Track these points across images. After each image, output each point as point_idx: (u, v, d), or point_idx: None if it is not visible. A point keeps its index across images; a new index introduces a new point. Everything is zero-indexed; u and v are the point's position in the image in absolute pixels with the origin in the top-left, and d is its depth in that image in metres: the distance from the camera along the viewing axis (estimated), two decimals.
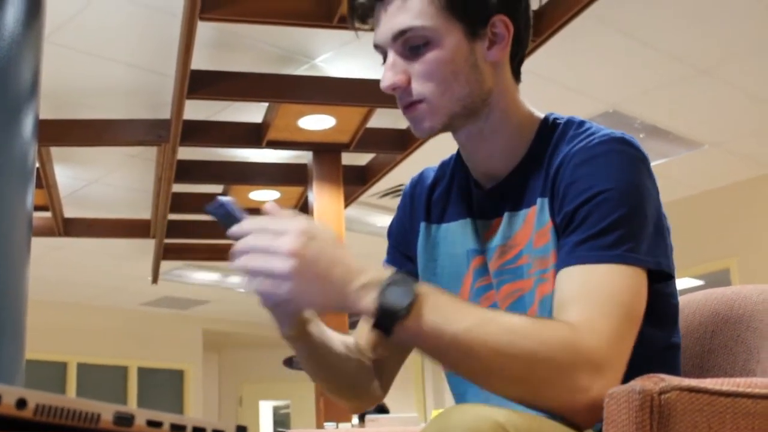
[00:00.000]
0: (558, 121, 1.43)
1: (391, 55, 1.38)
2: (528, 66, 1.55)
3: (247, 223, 1.19)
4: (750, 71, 5.62)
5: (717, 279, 7.59)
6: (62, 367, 10.94)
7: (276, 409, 14.78)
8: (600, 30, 4.94)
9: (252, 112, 5.52)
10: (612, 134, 1.35)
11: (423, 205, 1.59)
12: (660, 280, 1.34)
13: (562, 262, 1.28)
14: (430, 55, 1.35)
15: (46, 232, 7.10)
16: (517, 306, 1.38)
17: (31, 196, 2.27)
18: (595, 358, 1.17)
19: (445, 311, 1.16)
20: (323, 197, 5.63)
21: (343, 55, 5.07)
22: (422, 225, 1.57)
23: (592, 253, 1.25)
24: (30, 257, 2.26)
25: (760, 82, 5.81)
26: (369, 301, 1.15)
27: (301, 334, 1.42)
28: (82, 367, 11.09)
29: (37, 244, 3.24)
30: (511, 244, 1.40)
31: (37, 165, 5.55)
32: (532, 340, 1.16)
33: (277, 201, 6.78)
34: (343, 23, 4.02)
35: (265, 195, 6.76)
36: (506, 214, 1.42)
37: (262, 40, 4.91)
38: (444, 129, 1.41)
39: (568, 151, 1.35)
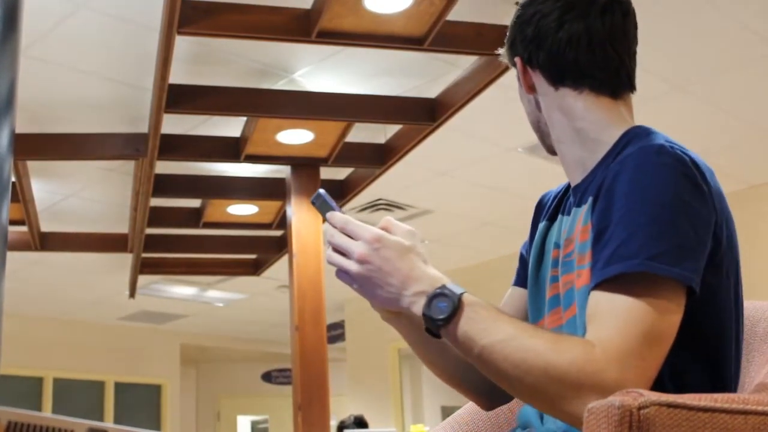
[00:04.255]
0: (636, 131, 1.48)
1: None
2: (507, 80, 1.63)
3: (336, 217, 1.43)
4: (726, 87, 5.66)
5: None
6: (38, 382, 10.87)
7: (254, 424, 14.75)
8: None
9: (230, 127, 5.51)
10: (651, 144, 1.37)
11: (546, 208, 1.70)
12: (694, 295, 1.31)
13: (594, 275, 1.32)
14: (521, 86, 1.66)
15: (23, 246, 7.05)
16: (568, 296, 1.47)
17: (7, 210, 2.25)
18: (602, 380, 1.22)
19: (479, 325, 1.30)
20: (301, 211, 5.62)
21: (322, 70, 5.07)
22: (541, 225, 1.68)
23: (614, 267, 1.28)
24: (5, 271, 2.24)
25: (735, 98, 5.85)
26: (418, 308, 1.34)
27: (395, 315, 1.54)
28: (59, 382, 11.02)
29: (13, 258, 3.22)
30: (570, 239, 1.50)
31: (14, 179, 5.52)
32: (545, 360, 1.25)
33: (255, 215, 6.80)
34: (321, 38, 4.03)
35: (243, 209, 6.75)
36: (573, 210, 1.54)
37: (240, 54, 4.91)
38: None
39: (623, 155, 1.40)
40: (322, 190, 1.48)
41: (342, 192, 6.37)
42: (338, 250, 1.40)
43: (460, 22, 4.13)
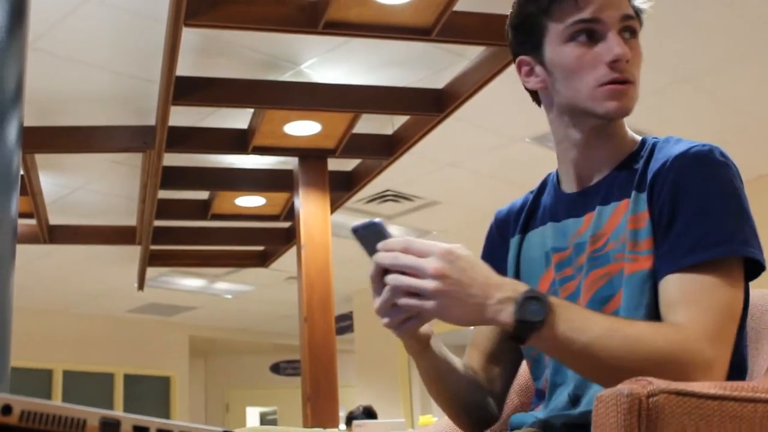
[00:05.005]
0: (656, 138, 1.60)
1: (615, 32, 1.49)
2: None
3: (395, 241, 1.33)
4: (730, 80, 5.64)
5: None
6: (48, 374, 10.89)
7: (263, 416, 14.76)
8: None
9: (237, 118, 5.51)
10: (708, 145, 1.49)
11: (513, 225, 1.73)
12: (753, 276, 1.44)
13: (668, 266, 1.39)
14: (639, 44, 1.54)
15: (32, 239, 7.07)
16: (606, 290, 1.49)
17: (16, 203, 2.26)
18: (705, 359, 1.30)
19: (577, 323, 1.30)
20: (309, 203, 5.62)
21: (329, 61, 5.07)
22: (514, 240, 1.70)
23: (702, 253, 1.37)
24: (15, 265, 2.25)
25: (740, 91, 5.84)
26: (507, 314, 1.29)
27: (425, 348, 1.54)
28: (68, 375, 11.05)
29: (23, 251, 3.22)
30: (600, 234, 1.52)
31: (22, 172, 5.53)
32: (651, 346, 1.30)
33: (263, 207, 6.80)
34: (328, 29, 4.03)
35: (251, 201, 6.75)
36: (598, 208, 1.54)
37: (247, 46, 4.90)
38: (627, 114, 1.55)
39: (669, 154, 1.49)
40: (379, 220, 1.38)
41: (349, 183, 6.37)
42: (407, 273, 1.30)
43: (467, 12, 4.12)
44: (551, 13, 1.52)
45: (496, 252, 1.74)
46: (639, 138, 1.61)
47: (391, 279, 1.31)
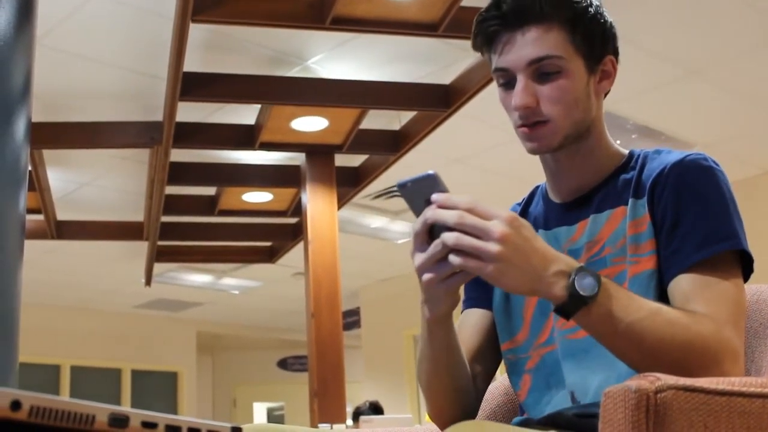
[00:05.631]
0: (643, 151, 1.64)
1: (523, 79, 1.54)
2: None
3: (456, 198, 1.30)
4: (741, 72, 5.63)
5: None
6: (56, 369, 10.92)
7: (270, 411, 14.78)
8: None
9: (245, 114, 5.52)
10: (701, 153, 1.56)
11: None
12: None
13: (678, 265, 1.46)
14: (561, 82, 1.54)
15: (39, 235, 7.08)
16: None
17: (24, 199, 2.27)
18: (733, 348, 1.36)
19: (623, 302, 1.33)
20: (316, 199, 5.62)
21: (336, 57, 5.07)
22: None
23: (710, 249, 1.44)
24: (23, 260, 2.26)
25: (752, 83, 5.83)
26: (561, 287, 1.31)
27: (448, 316, 1.51)
28: (76, 370, 11.08)
29: (30, 247, 3.23)
30: (596, 239, 1.57)
31: (30, 168, 5.53)
32: (690, 331, 1.34)
33: (270, 203, 6.81)
34: (335, 25, 4.02)
35: (258, 196, 6.76)
36: (592, 216, 1.60)
37: (254, 41, 4.91)
38: (558, 148, 1.59)
39: (665, 162, 1.55)
40: (433, 172, 1.32)
41: (356, 179, 6.37)
42: (470, 233, 1.28)
43: (474, 7, 4.09)
44: (487, 57, 1.64)
45: None
46: (626, 151, 1.66)
47: (452, 237, 1.28)
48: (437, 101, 5.04)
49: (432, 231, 1.33)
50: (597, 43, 1.58)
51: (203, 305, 11.64)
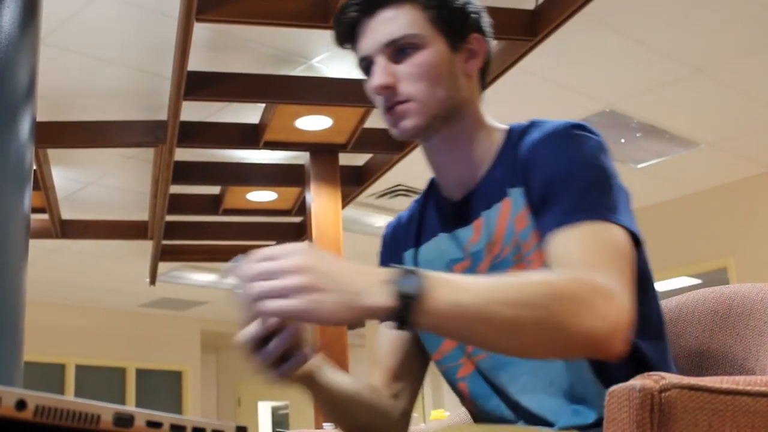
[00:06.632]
0: (521, 126, 1.56)
1: (381, 60, 1.50)
2: (525, 65, 1.63)
3: (247, 258, 1.20)
4: (745, 70, 5.62)
5: (714, 277, 7.60)
6: (60, 368, 10.93)
7: (274, 410, 14.78)
8: (596, 29, 4.94)
9: (249, 113, 5.52)
10: (570, 121, 1.47)
11: (404, 237, 1.70)
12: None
13: (549, 226, 1.37)
14: (419, 58, 1.49)
15: (44, 234, 7.09)
16: None
17: (29, 198, 2.27)
18: (601, 286, 1.25)
19: (461, 287, 1.21)
20: (320, 198, 5.62)
21: (340, 56, 5.07)
22: (407, 254, 1.67)
23: (575, 216, 1.35)
24: (28, 259, 2.26)
25: (756, 81, 5.82)
26: (385, 294, 1.17)
27: (309, 383, 1.48)
28: (81, 369, 11.09)
29: (35, 246, 3.24)
30: (494, 240, 1.49)
31: (34, 167, 5.55)
32: (546, 284, 1.24)
33: (274, 202, 6.80)
34: None
35: (262, 196, 6.76)
36: (483, 213, 1.52)
37: (258, 41, 4.91)
38: (425, 129, 1.51)
39: (532, 140, 1.48)
40: (238, 258, 1.22)
41: (361, 178, 6.37)
42: (270, 278, 1.17)
43: None
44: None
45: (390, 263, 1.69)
46: (506, 128, 1.59)
47: (252, 288, 1.17)
48: None
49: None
50: (456, 20, 1.52)
51: (208, 304, 11.64)
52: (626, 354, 1.26)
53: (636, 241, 1.39)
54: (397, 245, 1.70)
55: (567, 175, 1.40)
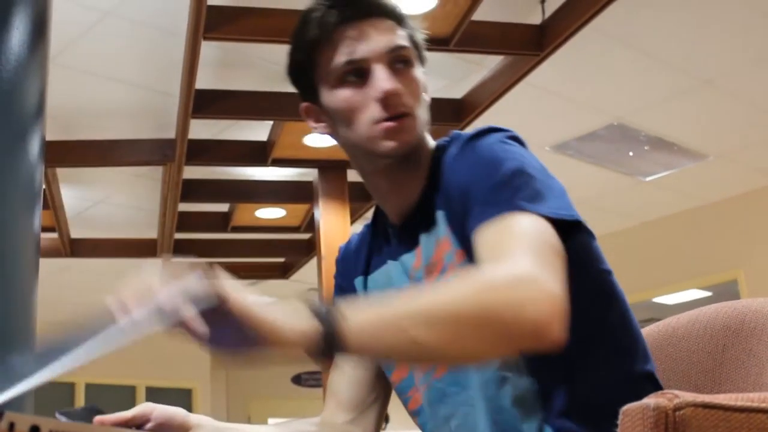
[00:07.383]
0: (443, 143, 1.53)
1: (383, 67, 1.45)
2: (532, 79, 1.62)
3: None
4: (754, 82, 5.62)
5: (725, 290, 7.58)
6: (70, 387, 10.93)
7: None
8: (604, 43, 4.94)
9: (257, 130, 5.53)
10: (479, 128, 1.45)
11: (353, 264, 1.67)
12: (576, 233, 1.38)
13: (471, 233, 1.32)
14: (413, 73, 1.49)
15: (53, 252, 7.10)
16: None
17: (39, 217, 2.27)
18: (522, 273, 1.17)
19: (382, 305, 1.16)
20: (329, 214, 5.62)
21: None
22: (358, 281, 1.65)
23: (488, 213, 1.29)
24: (38, 278, 2.26)
25: (764, 93, 5.81)
26: (304, 321, 1.13)
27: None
28: (91, 388, 11.08)
29: (44, 264, 3.24)
30: (432, 263, 1.45)
31: (44, 186, 5.56)
32: (476, 281, 1.17)
33: (283, 219, 6.81)
34: None
35: (271, 213, 6.76)
36: (422, 237, 1.48)
37: (265, 58, 4.92)
38: (411, 149, 1.48)
39: (449, 157, 1.46)
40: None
41: (368, 195, 6.36)
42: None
43: (485, 21, 4.11)
44: (317, 60, 1.51)
45: (344, 287, 1.69)
46: (433, 146, 1.55)
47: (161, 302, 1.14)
48: (449, 115, 5.04)
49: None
50: (422, 46, 1.54)
51: None
52: (564, 342, 1.16)
53: (571, 226, 1.34)
54: (348, 270, 1.68)
55: (474, 181, 1.36)
